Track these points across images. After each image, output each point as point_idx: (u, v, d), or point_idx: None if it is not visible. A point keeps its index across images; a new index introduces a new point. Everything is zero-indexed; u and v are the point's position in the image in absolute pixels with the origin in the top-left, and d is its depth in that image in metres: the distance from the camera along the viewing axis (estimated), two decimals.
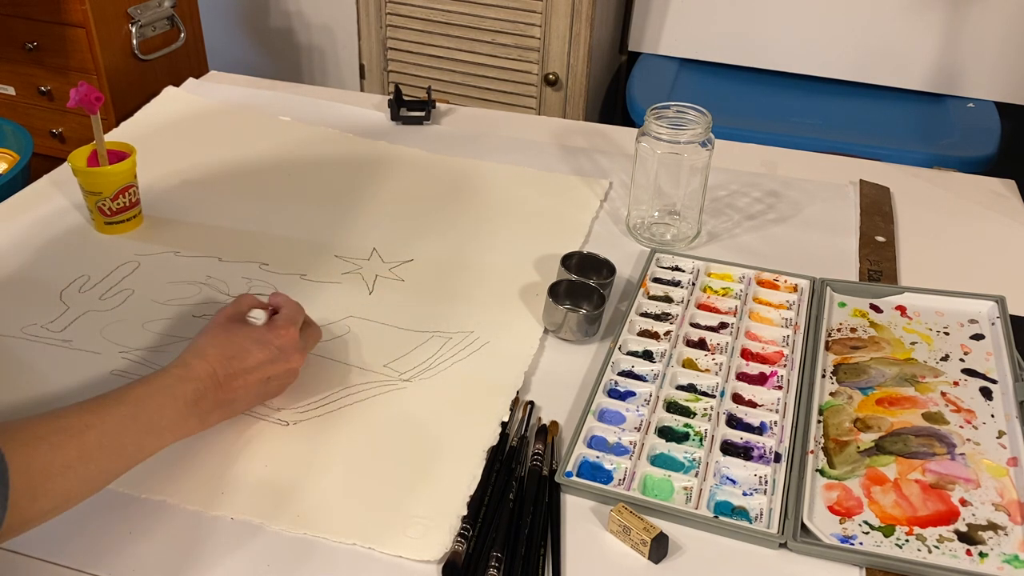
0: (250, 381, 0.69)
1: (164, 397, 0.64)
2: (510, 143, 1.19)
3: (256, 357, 0.69)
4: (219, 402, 0.68)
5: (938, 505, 0.67)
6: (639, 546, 0.63)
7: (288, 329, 0.72)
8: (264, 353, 0.70)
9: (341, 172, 1.11)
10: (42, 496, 0.56)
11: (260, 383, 0.70)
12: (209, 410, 0.67)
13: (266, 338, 0.70)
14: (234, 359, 0.68)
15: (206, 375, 0.67)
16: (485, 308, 0.88)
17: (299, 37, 2.20)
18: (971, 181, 1.14)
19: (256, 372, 0.69)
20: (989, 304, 0.86)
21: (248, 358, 0.69)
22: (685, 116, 0.94)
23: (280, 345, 0.71)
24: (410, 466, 0.70)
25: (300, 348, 0.73)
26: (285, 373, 0.72)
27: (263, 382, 0.71)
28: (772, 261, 0.95)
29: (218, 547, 0.63)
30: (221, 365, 0.68)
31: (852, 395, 0.77)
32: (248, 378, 0.69)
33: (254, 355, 0.69)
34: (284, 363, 0.71)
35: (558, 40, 1.65)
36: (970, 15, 1.64)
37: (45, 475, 0.56)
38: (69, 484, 0.58)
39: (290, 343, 0.72)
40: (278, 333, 0.71)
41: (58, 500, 0.58)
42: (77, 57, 1.29)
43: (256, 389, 0.70)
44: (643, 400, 0.76)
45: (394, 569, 0.62)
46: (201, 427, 0.68)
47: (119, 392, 0.63)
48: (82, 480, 0.59)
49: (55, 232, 0.98)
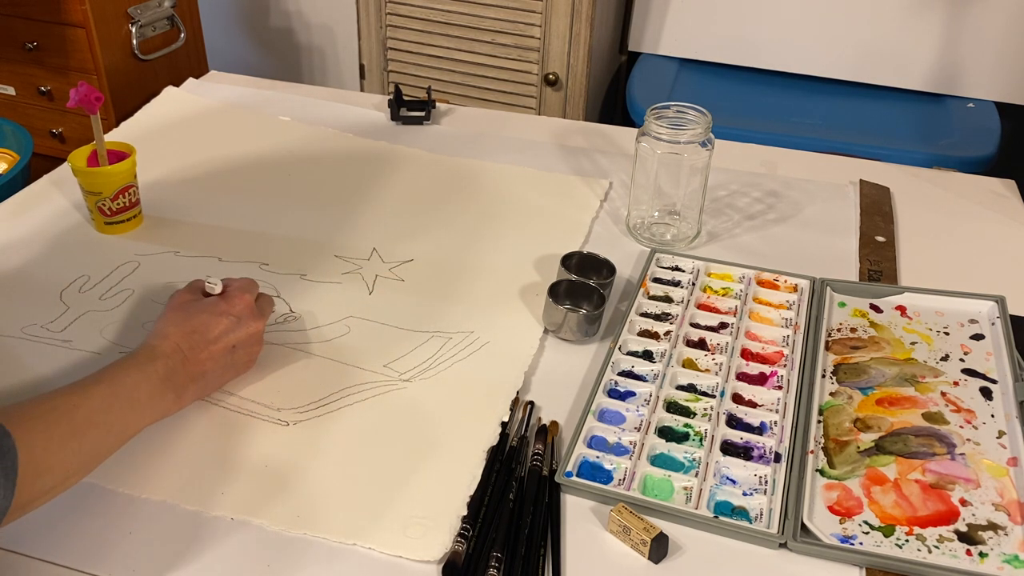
0: (216, 352, 0.72)
1: (138, 375, 0.67)
2: (510, 143, 1.19)
3: (217, 327, 0.72)
4: (191, 376, 0.70)
5: (938, 505, 0.67)
6: (639, 546, 0.63)
7: (242, 296, 0.75)
8: (223, 322, 0.72)
9: (341, 172, 1.11)
10: (45, 472, 0.58)
11: (226, 352, 0.73)
12: (183, 384, 0.70)
13: (221, 308, 0.73)
14: (195, 333, 0.71)
15: (172, 351, 0.69)
16: (485, 308, 0.88)
17: (299, 37, 2.20)
18: (971, 181, 1.14)
19: (220, 341, 0.72)
20: (989, 304, 0.86)
21: (209, 330, 0.72)
22: (685, 116, 0.94)
23: (237, 313, 0.73)
24: (410, 466, 0.70)
25: (257, 314, 0.75)
26: (248, 338, 0.74)
27: (229, 351, 0.73)
28: (772, 261, 0.95)
29: (218, 547, 0.63)
30: (184, 340, 0.70)
31: (852, 395, 0.77)
32: (213, 348, 0.71)
33: (214, 326, 0.72)
34: (245, 329, 0.74)
35: (558, 40, 1.65)
36: (970, 15, 1.64)
37: (45, 451, 0.58)
38: (67, 460, 0.60)
39: (246, 310, 0.74)
40: (233, 302, 0.74)
41: (58, 477, 0.60)
42: (77, 57, 1.29)
43: (224, 359, 0.73)
44: (643, 400, 0.76)
45: (394, 569, 0.62)
46: (179, 403, 0.70)
47: (96, 374, 0.66)
48: (78, 456, 0.61)
49: (55, 232, 0.98)
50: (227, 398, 0.76)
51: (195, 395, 0.72)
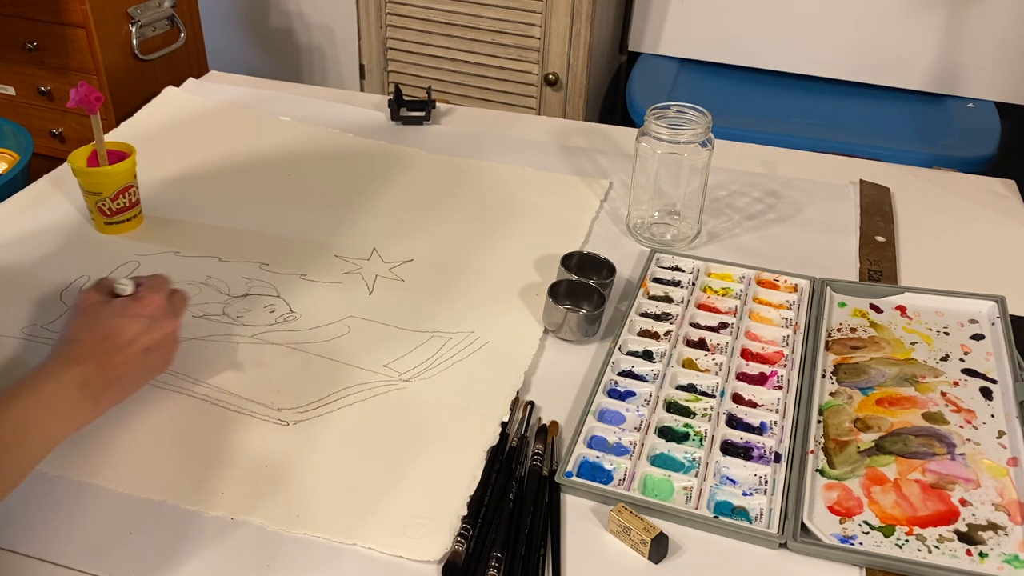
0: (130, 355, 0.69)
1: (54, 385, 0.64)
2: (510, 143, 1.19)
3: (129, 330, 0.69)
4: (106, 382, 0.68)
5: (938, 505, 0.67)
6: (639, 546, 0.63)
7: (152, 296, 0.72)
8: (135, 324, 0.70)
9: (341, 172, 1.11)
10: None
11: (141, 355, 0.70)
12: (99, 391, 0.67)
13: (133, 310, 0.71)
14: (108, 338, 0.69)
15: (85, 358, 0.67)
16: (485, 308, 0.88)
17: (299, 37, 2.20)
18: (971, 181, 1.14)
19: (133, 345, 0.69)
20: (989, 304, 0.86)
21: (120, 333, 0.69)
22: (685, 116, 0.94)
23: (149, 314, 0.71)
24: (410, 466, 0.70)
25: (170, 313, 0.73)
26: (163, 339, 0.72)
27: (144, 353, 0.70)
28: (772, 261, 0.95)
29: (218, 547, 0.63)
30: (97, 345, 0.68)
31: (852, 395, 0.77)
32: (127, 352, 0.69)
33: (125, 329, 0.69)
34: (159, 330, 0.71)
35: (558, 40, 1.65)
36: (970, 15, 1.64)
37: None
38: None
39: (158, 310, 0.72)
40: (144, 303, 0.72)
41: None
42: (77, 57, 1.29)
43: (140, 363, 0.70)
44: (643, 400, 0.76)
45: (394, 569, 0.62)
46: (96, 410, 0.68)
47: (10, 389, 0.63)
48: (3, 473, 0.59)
49: (55, 232, 0.98)
50: (227, 398, 0.76)
51: (111, 401, 0.69)
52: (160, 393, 0.76)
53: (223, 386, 0.77)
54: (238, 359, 0.80)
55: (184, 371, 0.78)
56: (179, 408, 0.75)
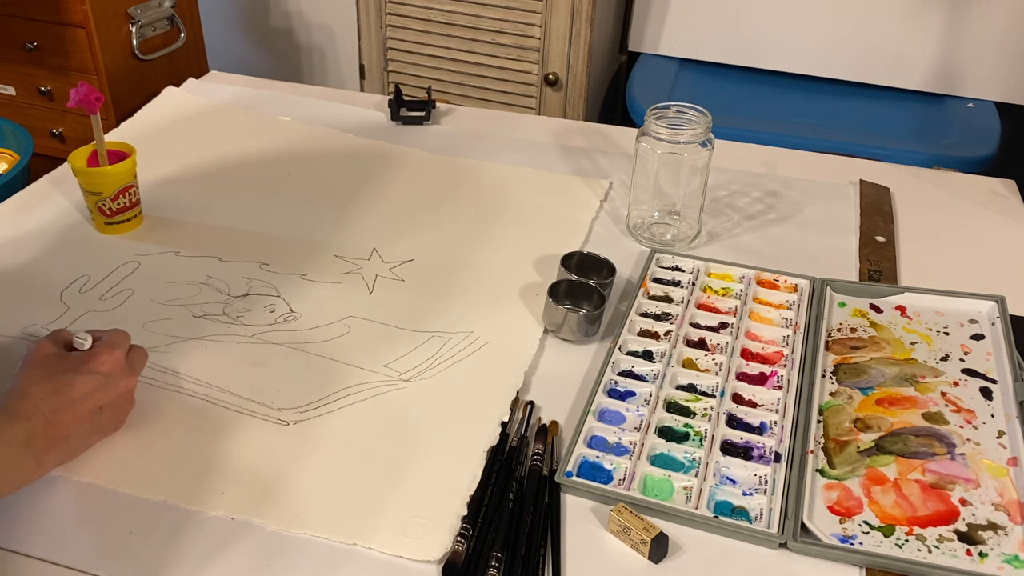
0: (81, 414, 0.65)
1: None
2: (510, 143, 1.19)
3: (81, 387, 0.65)
4: (52, 440, 0.63)
5: (938, 505, 0.67)
6: (639, 546, 0.63)
7: (110, 353, 0.68)
8: (89, 382, 0.66)
9: (341, 172, 1.11)
10: None
11: (92, 414, 0.66)
12: (44, 450, 0.63)
13: (88, 366, 0.66)
14: (58, 393, 0.64)
15: (32, 413, 0.62)
16: (485, 308, 0.88)
17: (299, 37, 2.20)
18: (971, 181, 1.14)
19: (85, 403, 0.65)
20: (989, 304, 0.86)
21: (72, 390, 0.65)
22: (685, 116, 0.94)
23: (105, 371, 0.67)
24: (410, 466, 0.70)
25: (127, 371, 0.69)
26: (117, 399, 0.68)
27: (95, 413, 0.66)
28: (772, 261, 0.95)
29: (218, 547, 0.63)
30: (45, 401, 0.63)
31: (852, 395, 0.77)
32: (78, 410, 0.65)
33: (78, 386, 0.65)
34: (112, 389, 0.67)
35: (558, 40, 1.65)
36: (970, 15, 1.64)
37: None
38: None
39: (115, 367, 0.68)
40: (100, 359, 0.67)
41: None
42: (77, 57, 1.29)
43: (90, 422, 0.66)
44: (643, 400, 0.76)
45: (394, 569, 0.62)
46: (38, 470, 0.63)
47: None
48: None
49: (55, 232, 0.97)
50: (227, 398, 0.76)
51: (56, 461, 0.65)
52: (160, 393, 0.76)
53: (223, 386, 0.77)
54: (238, 359, 0.80)
55: (184, 371, 0.78)
56: (179, 408, 0.75)
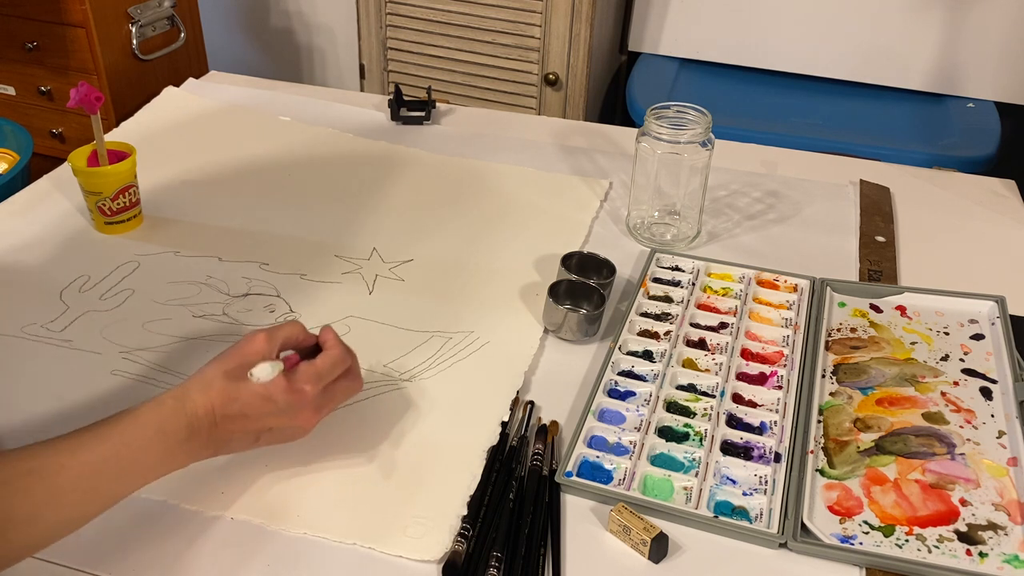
0: (248, 428, 0.64)
1: (153, 434, 0.60)
2: (510, 143, 1.19)
3: (260, 408, 0.63)
4: (211, 440, 0.63)
5: (938, 505, 0.67)
6: (639, 546, 0.63)
7: (309, 386, 0.65)
8: (269, 406, 0.63)
9: (341, 172, 1.11)
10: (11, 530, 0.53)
11: (258, 432, 0.65)
12: (199, 447, 0.62)
13: (277, 393, 0.63)
14: (236, 402, 0.62)
15: (204, 412, 0.62)
16: (485, 308, 0.88)
17: (299, 37, 2.20)
18: (971, 181, 1.14)
19: (256, 422, 0.64)
20: (989, 304, 0.86)
21: (251, 407, 0.63)
22: (685, 116, 0.94)
23: (292, 401, 0.64)
24: (410, 466, 0.70)
25: (316, 407, 0.66)
26: (289, 429, 0.66)
27: (262, 431, 0.65)
28: (772, 261, 0.95)
29: (218, 547, 0.63)
30: (222, 404, 0.62)
31: (852, 395, 0.77)
32: (246, 424, 0.64)
33: (258, 406, 0.63)
34: (289, 419, 0.65)
35: (558, 40, 1.65)
36: (970, 15, 1.64)
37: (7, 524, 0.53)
38: (32, 533, 0.55)
39: (305, 402, 0.65)
40: (293, 389, 0.64)
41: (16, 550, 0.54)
42: (77, 57, 1.29)
43: (252, 437, 0.65)
44: (643, 400, 0.76)
45: (394, 569, 0.62)
46: (187, 463, 0.63)
47: (102, 427, 0.59)
48: (45, 529, 0.55)
49: (55, 232, 0.97)
50: None
51: (207, 457, 0.64)
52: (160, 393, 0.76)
53: None
54: None
55: (184, 371, 0.78)
56: None
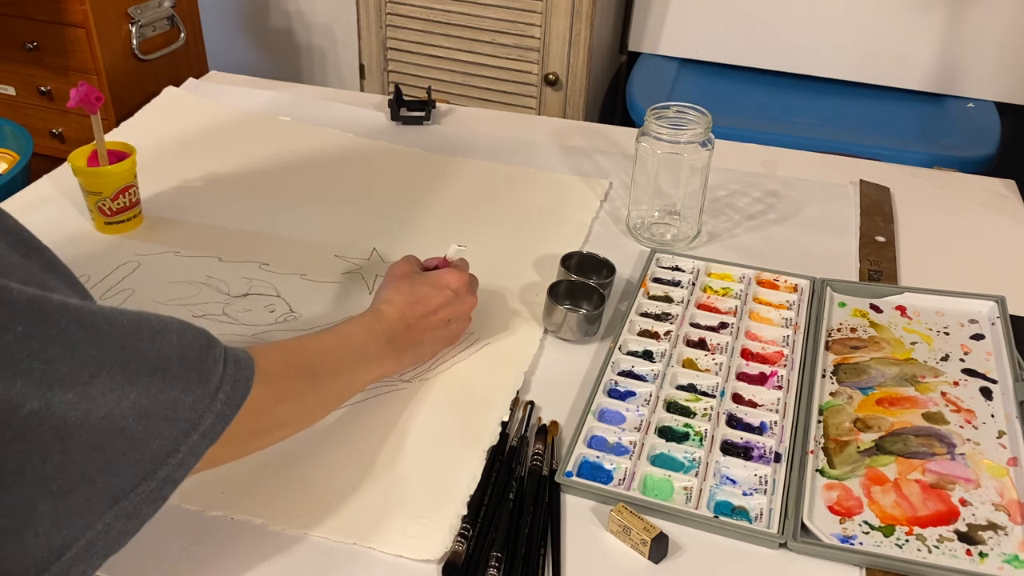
0: (434, 323, 0.76)
1: (366, 334, 0.71)
2: (510, 143, 1.19)
3: (436, 300, 0.76)
4: (410, 343, 0.75)
5: (938, 505, 0.67)
6: (639, 546, 0.63)
7: (459, 274, 0.79)
8: (442, 296, 0.76)
9: (341, 172, 1.11)
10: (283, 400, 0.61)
11: (442, 324, 0.77)
12: (403, 349, 0.74)
13: (441, 283, 0.77)
14: (418, 303, 0.75)
15: (396, 318, 0.74)
16: (485, 308, 0.87)
17: (299, 37, 2.20)
18: (971, 181, 1.14)
19: (439, 313, 0.76)
20: (989, 304, 0.86)
21: (430, 302, 0.76)
22: (685, 116, 0.94)
23: (455, 288, 0.78)
24: (410, 466, 0.70)
25: (471, 290, 0.80)
26: (462, 313, 0.79)
27: (445, 324, 0.77)
28: (772, 261, 0.95)
29: (218, 547, 0.63)
30: (408, 309, 0.75)
31: (852, 395, 0.77)
32: (433, 319, 0.76)
33: (434, 299, 0.76)
34: (460, 304, 0.78)
35: (558, 40, 1.65)
36: (970, 15, 1.64)
37: (283, 377, 0.61)
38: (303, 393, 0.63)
39: (463, 286, 0.78)
40: (451, 278, 0.78)
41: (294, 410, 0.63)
42: (77, 57, 1.29)
43: (440, 331, 0.78)
44: (643, 400, 0.76)
45: (394, 569, 0.62)
46: (398, 366, 0.75)
47: (324, 329, 0.70)
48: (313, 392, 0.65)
49: (55, 232, 0.97)
50: None
51: (411, 361, 0.77)
52: None
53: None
54: None
55: None
56: None
